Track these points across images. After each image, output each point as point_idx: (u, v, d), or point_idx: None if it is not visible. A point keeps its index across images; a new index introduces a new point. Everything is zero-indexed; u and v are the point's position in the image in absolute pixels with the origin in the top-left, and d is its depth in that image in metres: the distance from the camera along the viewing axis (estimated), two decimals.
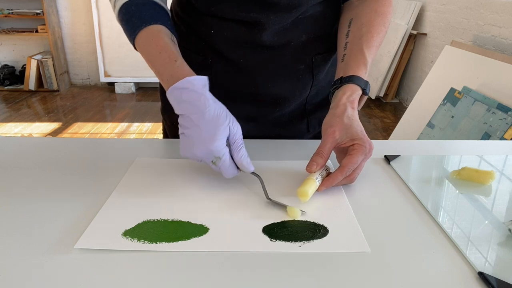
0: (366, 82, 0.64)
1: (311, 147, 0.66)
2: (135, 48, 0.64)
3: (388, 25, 0.70)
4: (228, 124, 0.55)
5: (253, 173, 0.57)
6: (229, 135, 0.55)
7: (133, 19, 0.63)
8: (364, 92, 0.63)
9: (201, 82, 0.56)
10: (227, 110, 0.56)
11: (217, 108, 0.55)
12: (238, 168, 0.56)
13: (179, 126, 0.57)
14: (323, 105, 0.81)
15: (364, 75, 0.64)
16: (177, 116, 0.57)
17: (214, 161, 0.54)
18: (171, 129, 0.86)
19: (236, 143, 0.56)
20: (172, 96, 0.56)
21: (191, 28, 0.73)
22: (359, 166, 0.57)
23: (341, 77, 0.64)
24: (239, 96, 0.75)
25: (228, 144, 0.55)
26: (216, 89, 0.76)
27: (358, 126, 0.59)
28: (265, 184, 0.56)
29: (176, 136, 0.83)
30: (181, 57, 0.60)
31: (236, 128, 0.56)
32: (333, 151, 0.60)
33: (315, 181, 0.55)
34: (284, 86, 0.75)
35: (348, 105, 0.60)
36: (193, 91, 0.55)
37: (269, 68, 0.72)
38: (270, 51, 0.71)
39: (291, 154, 0.70)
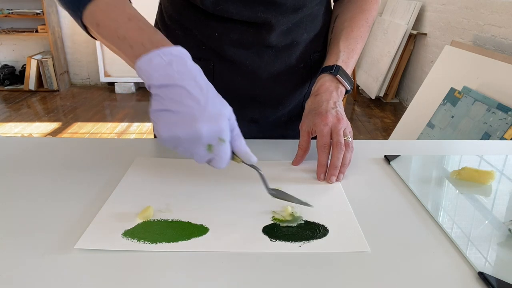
0: (335, 67, 0.67)
1: (311, 146, 0.66)
2: (80, 20, 0.52)
3: (371, 21, 0.74)
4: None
5: (252, 166, 0.51)
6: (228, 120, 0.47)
7: None
8: (332, 74, 0.67)
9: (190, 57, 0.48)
10: None
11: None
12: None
13: (154, 101, 0.46)
14: None
15: (335, 62, 0.68)
16: None
17: (214, 145, 0.45)
18: None
19: (236, 130, 0.48)
20: (154, 61, 0.45)
21: (189, 31, 0.71)
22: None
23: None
24: (242, 100, 0.75)
25: None
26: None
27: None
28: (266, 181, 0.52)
29: None
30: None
31: (233, 114, 0.48)
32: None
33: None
34: (286, 85, 0.76)
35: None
36: (191, 62, 0.46)
37: (274, 68, 0.72)
38: (276, 51, 0.71)
39: (292, 154, 0.70)
